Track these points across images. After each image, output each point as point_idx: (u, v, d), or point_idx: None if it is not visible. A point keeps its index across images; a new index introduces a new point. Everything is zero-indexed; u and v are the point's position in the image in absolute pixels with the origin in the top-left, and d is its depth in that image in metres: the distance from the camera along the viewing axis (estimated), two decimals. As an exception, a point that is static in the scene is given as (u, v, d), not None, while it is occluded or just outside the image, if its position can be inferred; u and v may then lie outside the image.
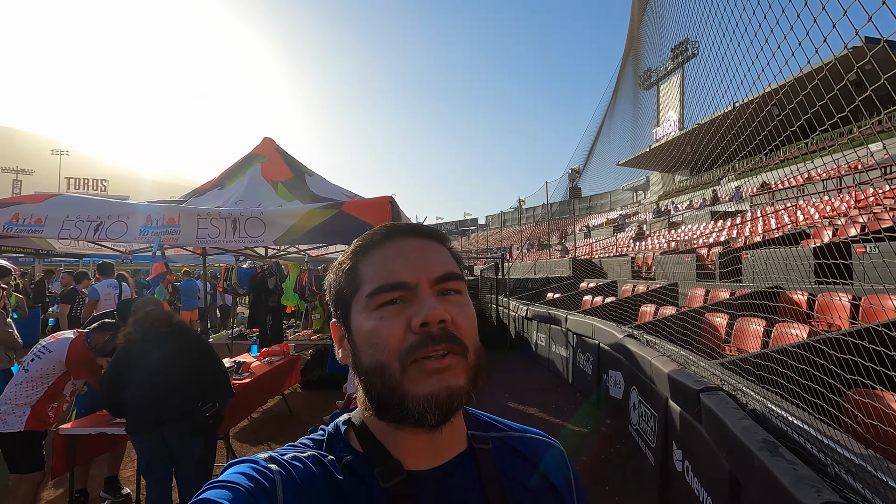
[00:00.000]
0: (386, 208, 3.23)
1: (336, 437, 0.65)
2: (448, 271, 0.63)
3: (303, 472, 0.58)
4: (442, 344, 0.58)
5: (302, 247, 5.60)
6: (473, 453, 0.66)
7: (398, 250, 0.63)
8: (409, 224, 0.68)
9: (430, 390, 0.57)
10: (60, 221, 3.09)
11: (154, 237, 3.18)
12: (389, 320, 0.59)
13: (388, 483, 0.59)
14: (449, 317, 0.59)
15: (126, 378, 3.02)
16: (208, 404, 3.25)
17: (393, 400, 0.58)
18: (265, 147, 4.22)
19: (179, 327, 3.31)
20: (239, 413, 4.63)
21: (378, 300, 0.60)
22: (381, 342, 0.59)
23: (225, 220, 2.97)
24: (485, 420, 0.73)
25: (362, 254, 0.65)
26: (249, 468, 0.57)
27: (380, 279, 0.61)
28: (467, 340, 0.60)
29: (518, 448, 0.71)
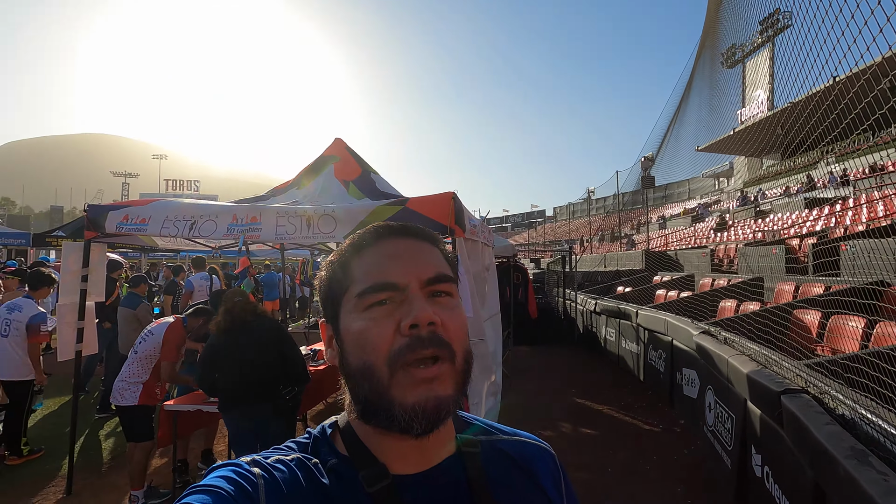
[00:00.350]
0: (448, 204, 3.31)
1: (322, 440, 0.64)
2: (439, 273, 0.62)
3: (286, 476, 0.57)
4: (430, 348, 0.57)
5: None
6: (462, 457, 0.64)
7: (389, 250, 0.62)
8: (400, 224, 0.67)
9: (417, 400, 0.56)
10: (161, 221, 3.48)
11: (239, 234, 3.49)
12: (379, 321, 0.58)
13: (373, 487, 0.58)
14: (438, 319, 0.58)
15: (218, 361, 3.35)
16: (288, 388, 3.52)
17: (380, 404, 0.57)
18: (336, 148, 4.45)
19: (263, 317, 3.62)
20: (315, 397, 4.96)
21: (368, 300, 0.59)
22: (369, 344, 0.58)
23: (300, 218, 3.20)
24: (474, 423, 0.72)
25: (353, 253, 0.64)
26: (232, 472, 0.56)
27: (370, 279, 0.60)
28: (456, 344, 0.59)
29: (508, 452, 0.70)
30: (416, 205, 3.31)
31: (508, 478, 0.67)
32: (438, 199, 3.33)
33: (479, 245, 4.04)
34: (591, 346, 9.87)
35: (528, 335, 10.17)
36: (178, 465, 4.03)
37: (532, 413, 6.07)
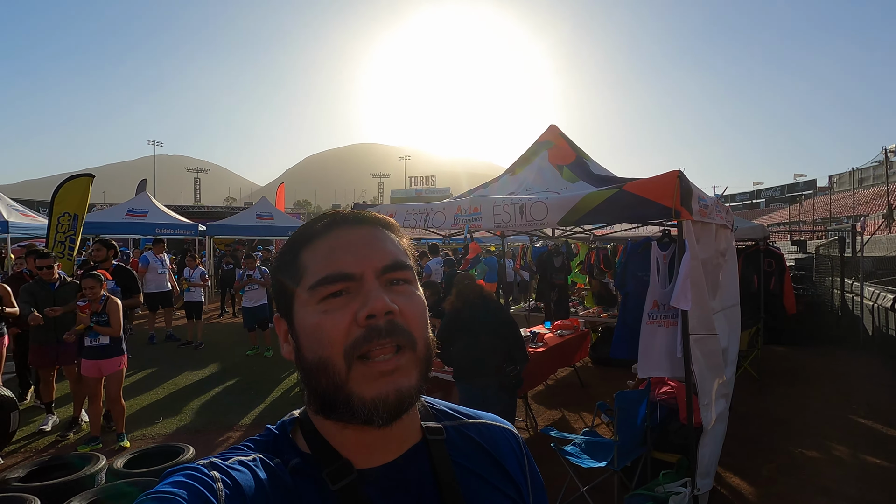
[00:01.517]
0: (672, 183, 3.00)
1: (282, 437, 0.62)
2: (395, 260, 0.60)
3: (248, 479, 0.55)
4: (388, 337, 0.55)
5: (587, 227, 5.72)
6: (427, 445, 0.63)
7: (342, 240, 0.60)
8: (353, 212, 0.64)
9: (378, 393, 0.54)
10: (403, 215, 4.14)
11: (465, 223, 3.88)
12: (333, 314, 0.56)
13: (338, 484, 0.56)
14: (396, 308, 0.56)
15: (451, 336, 3.82)
16: (511, 366, 3.78)
17: (338, 398, 0.55)
18: (551, 134, 4.49)
19: (488, 299, 3.96)
20: (535, 378, 5.17)
21: (321, 292, 0.57)
22: (324, 337, 0.56)
23: (514, 206, 3.38)
24: (438, 408, 0.70)
25: (304, 244, 0.61)
26: (189, 477, 0.53)
27: (323, 270, 0.58)
28: (416, 332, 0.58)
29: (472, 435, 0.68)
30: (634, 187, 3.11)
31: (473, 462, 0.66)
32: (661, 180, 3.05)
33: (712, 227, 3.56)
34: (883, 352, 7.61)
35: (786, 333, 8.42)
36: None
37: (790, 427, 5.06)
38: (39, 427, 4.94)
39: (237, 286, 8.46)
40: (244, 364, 7.52)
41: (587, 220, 3.27)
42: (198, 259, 9.20)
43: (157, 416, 5.34)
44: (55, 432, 4.86)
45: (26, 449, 4.56)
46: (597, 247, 8.05)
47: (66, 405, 5.31)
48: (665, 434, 3.60)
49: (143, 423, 5.15)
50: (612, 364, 7.32)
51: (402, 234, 0.66)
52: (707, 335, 2.99)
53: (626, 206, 3.05)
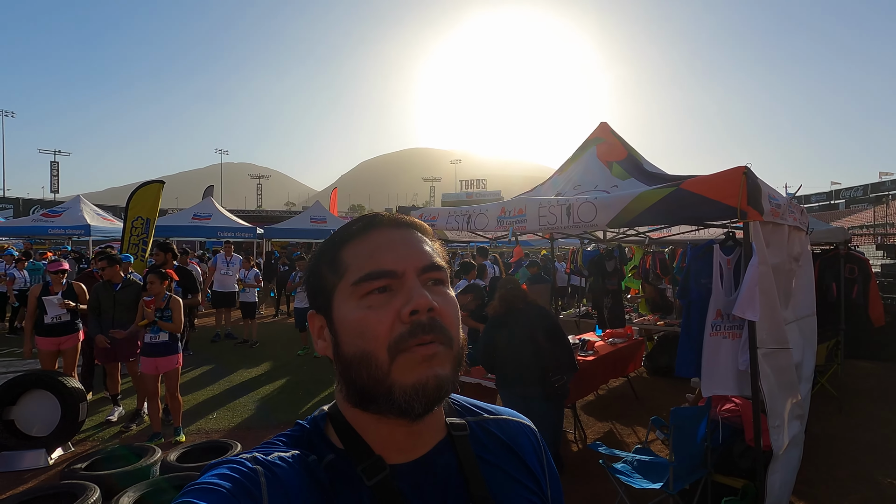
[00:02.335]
0: (738, 181, 2.73)
1: (315, 433, 0.64)
2: (433, 261, 0.63)
3: (287, 473, 0.57)
4: (430, 333, 0.57)
5: (642, 229, 5.39)
6: (452, 441, 0.65)
7: (384, 239, 0.62)
8: (390, 214, 0.66)
9: (418, 379, 0.56)
10: (446, 217, 4.06)
11: (509, 226, 3.74)
12: (377, 309, 0.58)
13: (372, 480, 0.58)
14: (437, 306, 0.58)
15: (494, 343, 3.69)
16: (556, 375, 3.60)
17: (379, 391, 0.57)
18: (601, 131, 4.26)
19: (533, 305, 3.80)
20: (584, 387, 4.92)
21: (365, 288, 0.59)
22: (369, 332, 0.57)
23: (560, 207, 3.19)
24: (461, 404, 0.73)
25: (345, 242, 0.64)
26: (232, 469, 0.55)
27: (367, 267, 0.60)
28: (452, 331, 0.60)
29: (494, 431, 0.71)
30: (694, 185, 2.85)
31: (496, 456, 0.68)
32: (725, 177, 2.78)
33: (784, 229, 3.22)
34: None
35: (871, 347, 7.60)
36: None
37: (877, 452, 4.52)
38: (106, 418, 5.26)
39: (289, 287, 8.71)
40: (295, 363, 7.71)
41: (640, 221, 3.04)
42: (252, 260, 9.57)
43: (212, 412, 5.55)
44: (120, 423, 5.15)
45: (94, 438, 4.85)
46: (653, 251, 7.62)
47: (131, 396, 5.63)
48: (728, 456, 3.28)
49: (199, 417, 5.37)
50: (670, 375, 6.89)
51: (434, 238, 0.68)
52: (778, 349, 2.68)
53: (685, 206, 2.80)
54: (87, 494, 3.27)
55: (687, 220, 3.10)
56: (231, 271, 9.11)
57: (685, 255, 7.10)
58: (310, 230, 15.33)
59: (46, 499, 3.28)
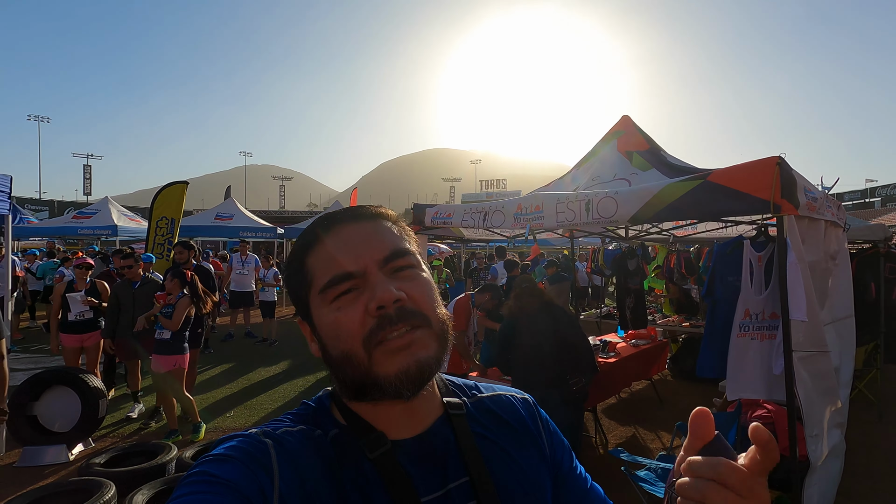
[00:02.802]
0: (771, 172, 2.55)
1: (320, 410, 0.67)
2: (395, 249, 0.63)
3: (295, 445, 0.60)
4: (400, 322, 0.59)
5: (665, 226, 5.18)
6: (449, 418, 0.68)
7: (340, 240, 0.64)
8: (345, 210, 0.67)
9: (399, 367, 0.58)
10: (461, 215, 3.94)
11: (526, 223, 3.61)
12: (346, 310, 0.60)
13: (374, 453, 0.61)
14: (403, 295, 0.60)
15: (509, 344, 3.57)
16: (575, 378, 3.46)
17: (367, 383, 0.60)
18: (623, 124, 4.09)
19: (549, 305, 3.66)
20: (605, 390, 4.76)
21: (332, 293, 0.61)
22: (342, 332, 0.60)
23: (579, 203, 3.05)
24: (457, 384, 0.75)
25: (307, 250, 0.65)
26: (243, 441, 0.59)
27: (328, 273, 0.62)
28: (427, 311, 0.62)
29: (489, 408, 0.73)
30: (722, 177, 2.68)
31: (491, 431, 0.71)
32: (756, 168, 2.61)
33: (820, 225, 3.02)
34: None
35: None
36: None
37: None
38: (127, 414, 5.32)
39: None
40: (313, 362, 7.70)
41: (664, 216, 2.88)
42: (272, 260, 9.63)
43: (230, 410, 5.57)
44: (140, 419, 5.21)
45: (114, 434, 4.91)
46: (677, 250, 7.36)
47: (152, 394, 5.68)
48: (760, 465, 3.10)
49: (217, 415, 5.38)
50: (695, 378, 6.64)
51: (400, 222, 0.69)
52: (817, 353, 2.49)
53: (713, 200, 2.63)
54: (103, 491, 3.28)
55: (714, 216, 2.93)
56: (247, 271, 9.15)
57: (711, 254, 6.84)
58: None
59: (63, 495, 3.30)
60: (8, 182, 4.12)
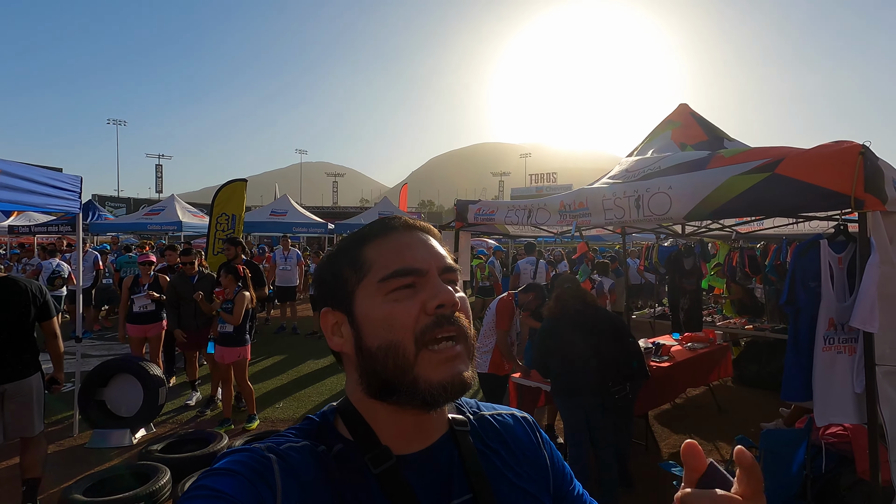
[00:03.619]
0: (853, 162, 2.26)
1: (325, 426, 0.66)
2: (451, 263, 0.67)
3: (298, 461, 0.59)
4: (454, 326, 0.61)
5: (727, 222, 4.80)
6: (454, 435, 0.68)
7: (405, 240, 0.66)
8: (406, 219, 0.70)
9: (444, 377, 0.60)
10: (505, 211, 3.83)
11: (572, 219, 3.44)
12: (404, 303, 0.62)
13: (379, 468, 0.61)
14: (458, 302, 0.63)
15: (548, 347, 3.42)
16: (618, 386, 3.27)
17: (404, 380, 0.60)
18: (679, 113, 3.81)
19: (593, 307, 3.47)
20: (658, 396, 4.50)
21: (392, 284, 0.62)
22: (396, 322, 0.61)
23: (628, 199, 2.84)
24: (460, 401, 0.76)
25: (367, 241, 0.67)
26: (247, 456, 0.58)
27: (394, 264, 0.63)
28: (468, 328, 0.64)
29: (493, 425, 0.74)
30: (793, 169, 2.41)
31: (494, 450, 0.71)
32: (834, 158, 2.33)
33: (911, 221, 2.66)
34: None
35: None
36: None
37: None
38: (185, 402, 5.61)
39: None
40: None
41: (724, 213, 2.63)
42: (322, 255, 9.85)
43: (279, 401, 5.74)
44: (197, 407, 5.47)
45: (174, 421, 5.18)
46: (740, 247, 6.86)
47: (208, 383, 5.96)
48: (833, 488, 2.80)
49: (266, 406, 5.56)
50: (759, 385, 6.18)
51: (443, 243, 0.72)
52: (904, 369, 2.20)
53: (782, 195, 2.37)
54: (159, 476, 3.46)
55: (783, 212, 2.65)
56: (289, 265, 9.35)
57: (779, 251, 6.32)
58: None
59: (125, 477, 3.51)
60: (78, 183, 4.40)
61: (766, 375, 6.19)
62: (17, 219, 13.33)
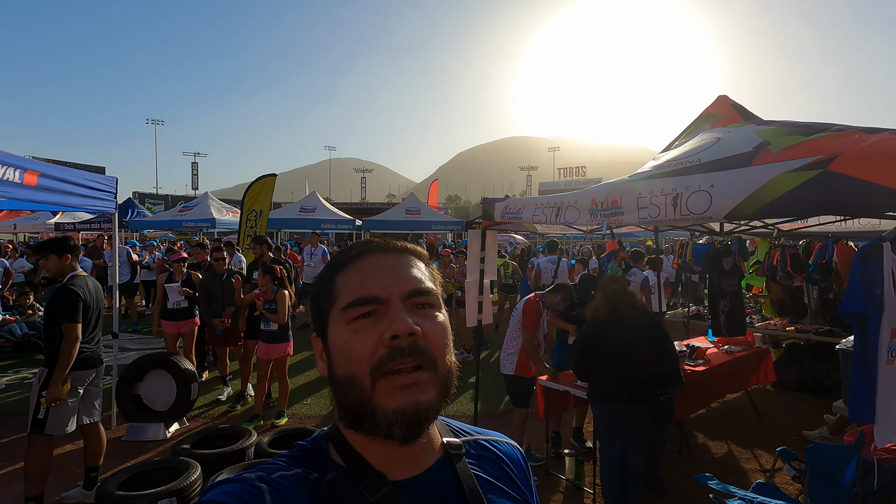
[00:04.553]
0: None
1: (316, 452, 0.65)
2: (420, 285, 0.65)
3: (290, 491, 0.58)
4: (410, 357, 0.59)
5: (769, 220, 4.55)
6: (450, 459, 0.68)
7: (372, 265, 0.65)
8: (384, 240, 0.69)
9: (398, 405, 0.58)
10: (532, 209, 3.72)
11: (603, 219, 3.31)
12: (362, 333, 0.61)
13: (375, 496, 0.59)
14: (419, 330, 0.61)
15: (591, 349, 3.32)
16: (665, 394, 3.16)
17: (364, 412, 0.59)
18: (718, 106, 3.62)
19: (640, 310, 3.35)
20: (692, 402, 4.32)
21: (352, 313, 0.62)
22: (353, 355, 0.60)
23: (665, 197, 2.70)
24: (455, 427, 0.75)
25: (338, 269, 0.67)
26: (238, 487, 0.57)
27: (354, 293, 0.63)
28: (437, 353, 0.62)
29: (487, 451, 0.74)
30: (848, 165, 2.22)
31: (490, 474, 0.71)
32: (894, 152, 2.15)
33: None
34: None
35: None
36: (552, 437, 4.31)
37: None
38: (217, 397, 5.73)
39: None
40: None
41: (770, 213, 2.46)
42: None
43: (307, 398, 5.80)
44: (228, 402, 5.58)
45: (205, 415, 5.30)
46: (781, 245, 6.53)
47: (237, 379, 6.08)
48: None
49: (294, 402, 5.62)
50: (800, 390, 5.89)
51: (428, 262, 0.71)
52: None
53: (835, 193, 2.20)
54: (190, 471, 3.53)
55: (837, 210, 2.46)
56: (314, 262, 9.42)
57: (825, 249, 5.98)
58: (404, 221, 15.73)
59: (158, 472, 3.59)
60: (114, 183, 4.52)
61: (809, 379, 5.90)
62: (62, 217, 13.94)
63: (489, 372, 6.86)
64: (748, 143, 2.82)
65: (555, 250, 8.20)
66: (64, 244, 3.51)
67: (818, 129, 2.65)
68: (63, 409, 3.36)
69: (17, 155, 3.32)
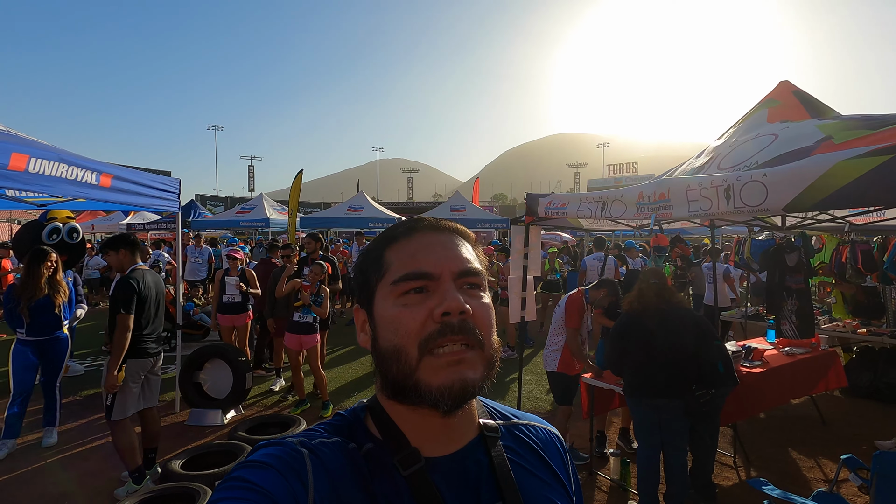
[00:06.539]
0: None
1: (355, 423, 0.66)
2: (470, 266, 0.65)
3: (329, 457, 0.60)
4: (460, 334, 0.60)
5: (839, 213, 4.23)
6: (484, 440, 0.68)
7: (424, 242, 0.66)
8: (434, 219, 0.70)
9: (444, 381, 0.59)
10: (577, 204, 3.66)
11: (651, 213, 3.21)
12: (412, 307, 0.62)
13: (408, 470, 0.61)
14: (469, 309, 0.61)
15: (624, 342, 3.24)
16: (702, 390, 3.04)
17: (407, 384, 0.60)
18: (779, 92, 3.40)
19: (677, 306, 3.24)
20: (749, 405, 4.10)
21: (403, 287, 0.63)
22: (402, 328, 0.61)
23: (716, 189, 2.57)
24: (492, 408, 0.76)
25: (389, 243, 0.67)
26: (280, 450, 0.59)
27: (406, 268, 0.63)
28: (484, 333, 0.63)
29: (524, 435, 0.74)
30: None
31: (525, 459, 0.71)
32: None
33: None
34: None
35: None
36: (597, 436, 4.22)
37: None
38: (270, 387, 6.00)
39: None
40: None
41: (833, 203, 2.30)
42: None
43: (353, 391, 5.97)
44: (280, 392, 5.84)
45: (260, 404, 5.56)
46: (852, 240, 6.05)
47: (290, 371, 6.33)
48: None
49: (342, 396, 5.80)
50: (872, 397, 5.47)
51: (476, 244, 0.71)
52: None
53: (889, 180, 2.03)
54: (244, 455, 3.73)
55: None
56: None
57: (903, 246, 5.50)
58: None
59: (215, 455, 3.82)
60: (177, 185, 4.82)
61: (883, 386, 5.47)
62: (133, 217, 15.04)
63: (533, 370, 6.79)
64: (809, 139, 2.65)
65: (602, 247, 8.00)
66: (121, 241, 3.77)
67: (889, 122, 2.46)
68: (128, 396, 3.55)
69: (94, 159, 3.62)
